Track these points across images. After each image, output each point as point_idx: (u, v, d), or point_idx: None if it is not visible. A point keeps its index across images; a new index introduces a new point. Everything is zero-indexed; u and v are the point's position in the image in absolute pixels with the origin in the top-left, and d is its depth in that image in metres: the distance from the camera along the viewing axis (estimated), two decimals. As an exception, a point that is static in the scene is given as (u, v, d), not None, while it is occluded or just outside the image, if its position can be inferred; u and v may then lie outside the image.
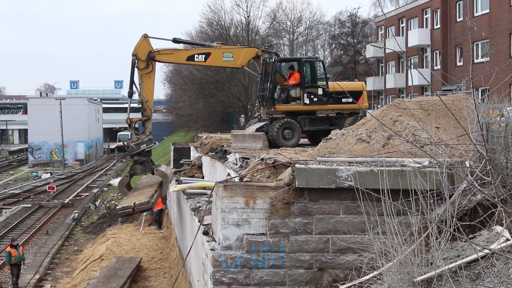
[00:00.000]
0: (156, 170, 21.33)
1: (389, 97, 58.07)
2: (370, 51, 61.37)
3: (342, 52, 74.80)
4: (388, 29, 57.91)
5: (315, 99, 21.08)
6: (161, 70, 24.07)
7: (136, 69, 20.42)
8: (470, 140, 8.87)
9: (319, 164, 10.30)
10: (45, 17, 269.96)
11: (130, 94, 20.88)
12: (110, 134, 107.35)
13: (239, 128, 46.10)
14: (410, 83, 49.81)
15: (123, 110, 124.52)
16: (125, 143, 20.99)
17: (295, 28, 73.45)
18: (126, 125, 20.96)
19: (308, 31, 75.38)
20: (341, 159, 10.61)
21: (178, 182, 19.25)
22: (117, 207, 21.53)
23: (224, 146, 21.87)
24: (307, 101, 20.99)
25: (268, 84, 21.09)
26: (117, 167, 72.88)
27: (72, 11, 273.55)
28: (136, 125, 21.15)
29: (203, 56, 21.29)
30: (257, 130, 20.81)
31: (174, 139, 72.40)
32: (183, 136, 71.45)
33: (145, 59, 20.30)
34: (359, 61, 71.98)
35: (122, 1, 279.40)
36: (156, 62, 20.81)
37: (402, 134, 11.18)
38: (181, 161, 29.09)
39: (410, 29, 53.96)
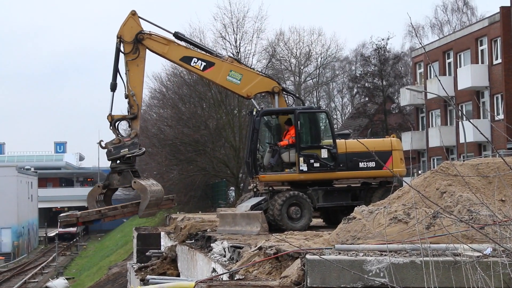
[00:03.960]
0: (135, 182, 21.40)
1: (433, 159, 58.42)
2: (406, 97, 62.07)
3: (367, 99, 75.27)
4: (430, 67, 58.71)
5: (316, 164, 21.04)
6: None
7: (121, 56, 21.33)
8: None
9: (339, 254, 10.27)
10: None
11: (113, 86, 21.62)
12: (49, 216, 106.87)
13: (227, 205, 46.12)
14: (462, 140, 50.20)
15: (67, 183, 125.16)
16: (103, 144, 21.31)
17: (302, 67, 74.43)
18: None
19: (320, 70, 76.49)
20: (370, 246, 10.60)
21: (144, 282, 19.10)
22: (61, 215, 21.80)
23: (208, 230, 21.84)
24: (303, 167, 20.92)
25: (250, 145, 21.22)
26: (59, 262, 72.28)
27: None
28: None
29: (204, 64, 21.98)
30: (253, 207, 20.80)
31: (137, 222, 72.12)
32: (150, 219, 71.22)
33: (131, 40, 21.31)
34: (391, 110, 72.45)
35: (68, 39, 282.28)
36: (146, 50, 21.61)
37: (453, 211, 11.20)
38: (147, 253, 28.96)
39: (460, 66, 54.73)
